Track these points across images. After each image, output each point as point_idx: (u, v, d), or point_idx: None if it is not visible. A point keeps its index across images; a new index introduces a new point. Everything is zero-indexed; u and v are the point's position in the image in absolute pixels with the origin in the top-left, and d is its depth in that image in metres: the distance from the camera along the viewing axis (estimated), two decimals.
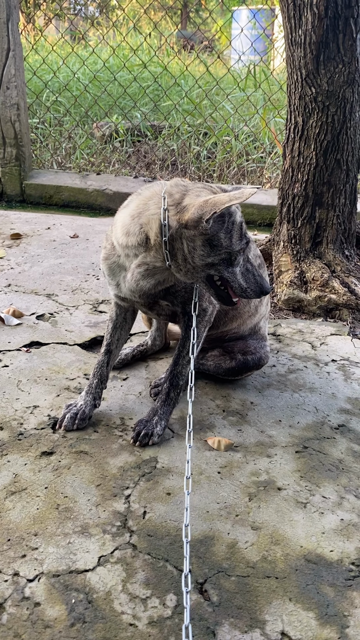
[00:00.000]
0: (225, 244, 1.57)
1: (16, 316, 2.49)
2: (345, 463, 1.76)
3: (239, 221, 1.60)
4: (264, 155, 5.01)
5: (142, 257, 1.68)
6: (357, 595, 1.34)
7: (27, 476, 1.63)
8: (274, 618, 1.27)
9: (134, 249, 1.68)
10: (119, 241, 1.72)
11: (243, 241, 1.60)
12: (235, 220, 1.58)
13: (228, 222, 1.56)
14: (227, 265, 1.61)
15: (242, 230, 1.60)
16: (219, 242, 1.56)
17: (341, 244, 2.84)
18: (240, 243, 1.59)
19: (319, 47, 2.49)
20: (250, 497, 1.61)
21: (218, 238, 1.56)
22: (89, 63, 6.26)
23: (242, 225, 1.61)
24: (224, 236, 1.56)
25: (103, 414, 1.92)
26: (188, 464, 1.42)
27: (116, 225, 1.74)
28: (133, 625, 1.24)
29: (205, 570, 1.38)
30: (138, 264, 1.70)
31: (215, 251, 1.57)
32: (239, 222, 1.60)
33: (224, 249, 1.57)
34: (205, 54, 8.64)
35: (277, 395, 2.08)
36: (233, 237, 1.57)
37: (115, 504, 1.55)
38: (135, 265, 1.70)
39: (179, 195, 1.60)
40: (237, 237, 1.58)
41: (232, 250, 1.58)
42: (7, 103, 4.20)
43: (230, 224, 1.57)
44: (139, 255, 1.68)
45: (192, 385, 1.64)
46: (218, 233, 1.55)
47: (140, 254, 1.68)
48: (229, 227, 1.57)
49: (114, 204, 4.32)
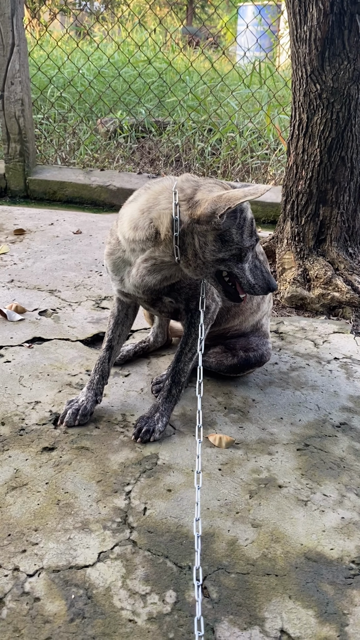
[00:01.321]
0: (237, 239, 1.57)
1: (19, 312, 2.49)
2: (347, 461, 1.76)
3: (250, 217, 1.61)
4: (269, 152, 5.00)
5: (150, 251, 1.67)
6: (357, 593, 1.34)
7: (28, 471, 1.63)
8: (273, 615, 1.27)
9: (141, 243, 1.68)
10: (126, 235, 1.71)
11: (253, 238, 1.61)
12: (247, 216, 1.59)
13: (240, 218, 1.57)
14: (237, 261, 1.62)
15: (252, 227, 1.61)
16: (231, 237, 1.57)
17: (345, 241, 2.83)
18: (251, 239, 1.60)
19: (324, 43, 2.47)
20: (251, 495, 1.60)
21: (230, 234, 1.56)
22: (94, 59, 6.25)
23: (252, 221, 1.62)
24: (235, 232, 1.57)
25: (104, 410, 1.92)
26: (198, 459, 1.43)
27: (122, 220, 1.73)
28: (132, 621, 1.24)
29: (205, 567, 1.38)
30: (145, 258, 1.69)
31: (226, 247, 1.58)
32: (250, 218, 1.60)
33: (235, 244, 1.58)
34: (210, 50, 8.61)
35: (278, 393, 2.08)
36: (244, 233, 1.58)
37: (116, 500, 1.55)
38: (142, 260, 1.70)
39: (191, 190, 1.60)
40: (248, 234, 1.59)
41: (242, 246, 1.59)
42: (11, 98, 4.19)
43: (242, 220, 1.57)
44: (147, 250, 1.68)
45: (201, 381, 1.64)
46: (230, 229, 1.56)
47: (148, 249, 1.67)
48: (240, 223, 1.57)
49: (118, 200, 4.32)
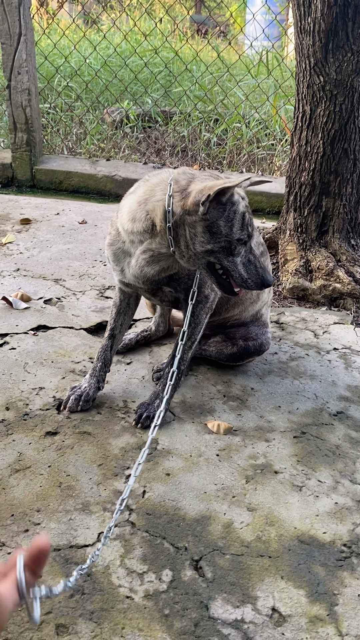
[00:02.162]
0: (225, 232, 1.59)
1: (24, 300, 2.53)
2: (342, 449, 1.79)
3: (242, 211, 1.61)
4: (275, 142, 5.00)
5: (148, 243, 1.71)
6: (347, 575, 1.38)
7: (31, 455, 1.68)
8: (265, 595, 1.32)
9: (139, 235, 1.72)
10: (125, 227, 1.75)
11: (245, 231, 1.62)
12: (237, 209, 1.60)
13: (229, 210, 1.59)
14: (227, 254, 1.63)
15: (244, 221, 1.62)
16: (219, 229, 1.59)
17: (347, 233, 2.85)
18: (242, 233, 1.61)
19: (327, 35, 2.48)
20: (247, 480, 1.65)
21: (218, 225, 1.58)
22: (101, 48, 6.25)
23: (244, 215, 1.62)
24: (223, 224, 1.58)
25: (106, 396, 1.97)
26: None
27: (122, 212, 1.77)
28: (129, 598, 1.29)
29: (201, 548, 1.43)
30: (143, 250, 1.73)
31: (214, 238, 1.60)
32: (242, 212, 1.61)
33: (224, 237, 1.60)
34: (218, 40, 8.57)
35: (277, 382, 2.12)
36: (234, 226, 1.59)
37: (116, 483, 1.60)
38: (140, 251, 1.74)
39: (185, 182, 1.63)
40: (238, 227, 1.60)
41: (231, 239, 1.60)
42: (18, 88, 4.22)
43: (232, 213, 1.59)
44: (144, 242, 1.71)
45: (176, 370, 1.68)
46: (218, 220, 1.58)
47: (146, 240, 1.71)
48: (230, 216, 1.59)
49: (123, 190, 4.32)
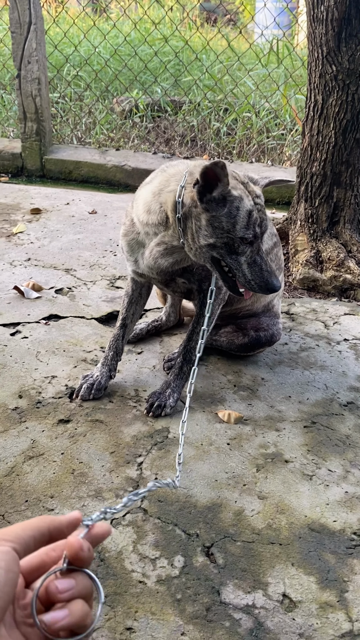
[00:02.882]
0: (227, 227, 1.55)
1: (36, 290, 2.55)
2: (352, 439, 1.81)
3: (247, 209, 1.56)
4: (285, 132, 4.97)
5: (162, 236, 1.72)
6: (358, 562, 1.40)
7: (44, 442, 1.71)
8: (276, 581, 1.34)
9: (154, 227, 1.72)
10: (140, 218, 1.75)
11: (250, 231, 1.57)
12: (241, 206, 1.55)
13: (231, 206, 1.55)
14: (229, 251, 1.59)
15: (249, 219, 1.57)
16: (220, 224, 1.56)
17: (358, 224, 2.84)
18: (246, 232, 1.56)
19: (340, 23, 2.47)
20: (258, 468, 1.66)
21: (219, 220, 1.55)
22: (110, 37, 6.22)
23: (251, 214, 1.57)
24: (225, 220, 1.55)
25: (118, 385, 1.99)
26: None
27: (138, 202, 1.78)
28: (142, 583, 1.32)
29: (212, 535, 1.45)
30: (157, 242, 1.74)
31: (217, 233, 1.57)
32: (247, 210, 1.56)
33: (225, 232, 1.56)
34: (228, 28, 8.51)
35: (287, 372, 2.13)
36: (237, 223, 1.55)
37: (128, 470, 1.62)
38: (155, 243, 1.74)
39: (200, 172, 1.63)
40: (242, 225, 1.56)
41: (234, 237, 1.56)
42: (28, 77, 4.21)
43: (235, 209, 1.55)
44: (159, 234, 1.72)
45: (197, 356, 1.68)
46: (219, 215, 1.55)
47: (160, 233, 1.72)
48: (232, 212, 1.55)
49: (133, 180, 4.34)
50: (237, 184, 1.59)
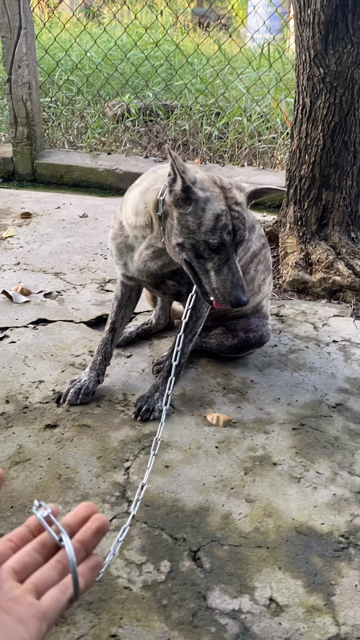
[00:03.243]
0: (192, 228, 1.53)
1: (24, 294, 2.54)
2: (341, 440, 1.80)
3: (215, 213, 1.52)
4: (276, 136, 4.98)
5: (149, 238, 1.71)
6: (345, 565, 1.39)
7: (31, 447, 1.69)
8: (263, 585, 1.33)
9: (141, 229, 1.72)
10: (129, 221, 1.75)
11: (216, 236, 1.52)
12: (207, 208, 1.52)
13: (196, 206, 1.52)
14: (196, 254, 1.56)
15: (216, 224, 1.52)
16: (187, 223, 1.53)
17: (347, 226, 2.85)
18: (211, 236, 1.52)
19: (327, 27, 2.47)
20: (246, 472, 1.65)
21: (186, 219, 1.53)
22: (102, 41, 6.23)
23: (218, 218, 1.52)
24: (191, 219, 1.53)
25: (106, 389, 1.98)
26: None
27: (127, 205, 1.77)
28: (128, 589, 1.30)
29: (199, 539, 1.44)
30: (146, 245, 1.73)
31: (183, 232, 1.55)
32: (215, 213, 1.52)
33: (191, 233, 1.53)
34: (220, 32, 8.53)
35: (277, 374, 2.12)
36: (202, 225, 1.52)
37: (115, 475, 1.61)
38: (144, 247, 1.74)
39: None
40: (207, 228, 1.52)
41: (198, 239, 1.53)
42: (18, 82, 4.21)
43: (200, 210, 1.52)
44: (147, 237, 1.72)
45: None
46: (185, 213, 1.53)
47: (147, 235, 1.71)
48: (197, 212, 1.52)
49: (124, 183, 4.33)
50: (211, 186, 1.56)
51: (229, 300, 1.55)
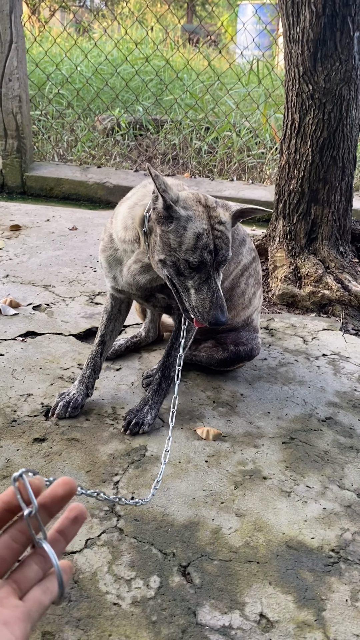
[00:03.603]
0: (174, 245, 1.53)
1: (13, 306, 2.53)
2: (331, 454, 1.80)
3: (196, 232, 1.52)
4: (265, 151, 5.03)
5: (137, 253, 1.72)
6: (335, 580, 1.38)
7: (19, 461, 1.67)
8: (253, 600, 1.32)
9: (130, 244, 1.72)
10: (119, 235, 1.75)
11: (196, 255, 1.51)
12: (188, 227, 1.52)
13: (177, 224, 1.52)
14: (177, 271, 1.56)
15: (197, 242, 1.52)
16: (168, 240, 1.54)
17: (336, 240, 2.87)
18: (192, 255, 1.52)
19: (316, 44, 2.51)
20: (236, 486, 1.65)
21: (168, 236, 1.54)
22: (92, 56, 6.27)
23: (199, 237, 1.52)
24: (173, 237, 1.53)
25: (95, 403, 1.96)
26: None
27: (117, 219, 1.77)
28: (117, 605, 1.29)
29: (189, 554, 1.42)
30: (134, 260, 1.74)
31: (165, 250, 1.55)
32: (196, 232, 1.52)
33: (172, 251, 1.53)
34: (210, 49, 8.63)
35: (267, 388, 2.12)
36: (183, 243, 1.52)
37: (104, 489, 1.60)
38: (132, 261, 1.74)
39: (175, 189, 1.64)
40: (188, 246, 1.52)
41: (179, 256, 1.53)
42: (9, 95, 4.22)
43: (181, 228, 1.52)
44: (135, 252, 1.72)
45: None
46: (167, 230, 1.53)
47: (136, 250, 1.72)
48: (179, 231, 1.52)
49: (114, 197, 4.35)
50: (194, 205, 1.56)
51: (207, 320, 1.55)
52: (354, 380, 2.20)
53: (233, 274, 2.05)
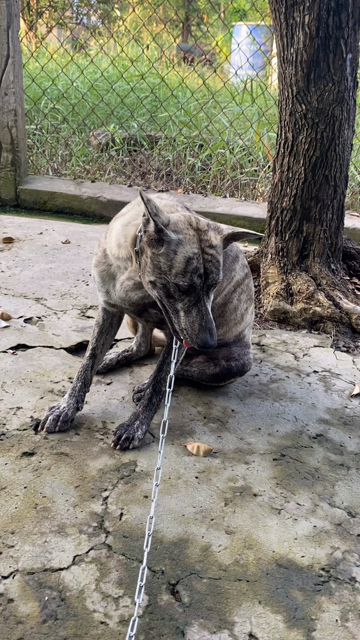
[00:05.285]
0: (164, 269, 1.54)
1: (4, 319, 2.51)
2: (321, 472, 1.79)
3: (186, 256, 1.53)
4: (258, 169, 5.08)
5: (129, 271, 1.72)
6: (325, 599, 1.37)
7: (7, 475, 1.65)
8: (242, 620, 1.30)
9: (123, 261, 1.73)
10: (113, 252, 1.76)
11: (186, 279, 1.52)
12: (179, 251, 1.53)
13: (168, 248, 1.53)
14: (166, 294, 1.57)
15: (187, 267, 1.52)
16: (159, 263, 1.54)
17: (327, 257, 2.89)
18: (182, 279, 1.52)
19: (309, 65, 2.55)
20: (226, 502, 1.63)
21: (158, 259, 1.54)
22: (88, 72, 6.33)
23: (189, 261, 1.52)
24: (163, 260, 1.54)
25: (85, 417, 1.95)
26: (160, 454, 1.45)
27: (111, 235, 1.78)
28: (104, 624, 1.26)
29: (178, 571, 1.40)
30: (127, 277, 1.74)
31: (155, 272, 1.56)
32: (186, 256, 1.53)
33: (163, 274, 1.54)
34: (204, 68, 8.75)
35: (258, 404, 2.11)
36: (173, 267, 1.53)
37: (93, 505, 1.58)
38: (125, 277, 1.75)
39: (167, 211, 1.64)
40: (178, 270, 1.52)
41: (168, 280, 1.54)
42: (4, 109, 4.24)
43: (172, 252, 1.53)
44: (128, 269, 1.73)
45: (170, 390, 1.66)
46: (158, 254, 1.54)
47: (129, 267, 1.72)
48: (169, 254, 1.53)
49: (108, 211, 4.36)
50: (186, 228, 1.57)
51: (196, 342, 1.56)
52: (345, 397, 2.20)
53: (226, 290, 2.05)
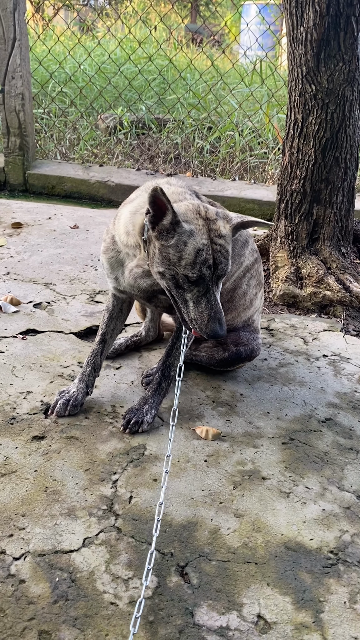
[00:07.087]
0: (173, 260, 1.53)
1: (14, 304, 2.52)
2: (330, 455, 1.79)
3: (196, 247, 1.52)
4: (267, 151, 5.03)
5: (138, 258, 1.71)
6: (334, 582, 1.37)
7: (17, 459, 1.67)
8: (251, 601, 1.31)
9: (132, 249, 1.72)
10: (121, 239, 1.75)
11: (195, 270, 1.52)
12: (189, 242, 1.52)
13: (179, 239, 1.52)
14: (175, 284, 1.56)
15: (197, 258, 1.52)
16: (168, 255, 1.54)
17: (338, 241, 2.86)
18: (191, 270, 1.52)
19: (319, 44, 2.50)
20: (235, 486, 1.64)
21: (167, 251, 1.53)
22: (96, 55, 6.27)
23: (199, 252, 1.52)
24: (172, 252, 1.53)
25: (95, 401, 1.96)
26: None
27: (119, 221, 1.76)
28: (114, 604, 1.28)
29: (187, 554, 1.42)
30: (136, 264, 1.73)
31: (164, 263, 1.55)
32: (196, 248, 1.52)
33: (172, 265, 1.54)
34: (213, 48, 8.63)
35: (266, 388, 2.11)
36: (183, 259, 1.52)
37: (103, 488, 1.59)
38: (134, 264, 1.74)
39: (175, 198, 1.62)
40: (187, 261, 1.52)
41: (177, 271, 1.53)
42: (12, 93, 4.22)
43: (182, 243, 1.52)
44: (137, 256, 1.72)
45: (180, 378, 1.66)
46: (167, 245, 1.53)
47: (137, 255, 1.71)
48: (179, 246, 1.52)
49: (116, 195, 4.35)
50: (195, 218, 1.55)
51: (205, 332, 1.56)
52: (354, 381, 2.19)
53: (235, 275, 2.04)
